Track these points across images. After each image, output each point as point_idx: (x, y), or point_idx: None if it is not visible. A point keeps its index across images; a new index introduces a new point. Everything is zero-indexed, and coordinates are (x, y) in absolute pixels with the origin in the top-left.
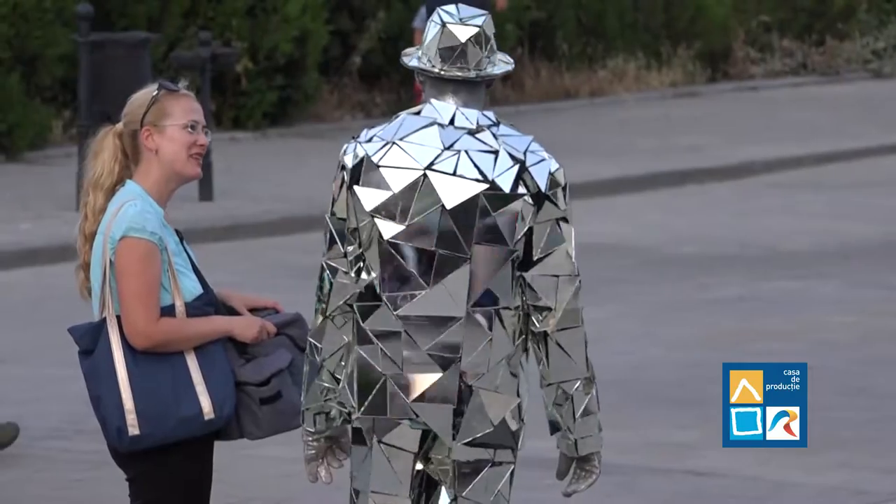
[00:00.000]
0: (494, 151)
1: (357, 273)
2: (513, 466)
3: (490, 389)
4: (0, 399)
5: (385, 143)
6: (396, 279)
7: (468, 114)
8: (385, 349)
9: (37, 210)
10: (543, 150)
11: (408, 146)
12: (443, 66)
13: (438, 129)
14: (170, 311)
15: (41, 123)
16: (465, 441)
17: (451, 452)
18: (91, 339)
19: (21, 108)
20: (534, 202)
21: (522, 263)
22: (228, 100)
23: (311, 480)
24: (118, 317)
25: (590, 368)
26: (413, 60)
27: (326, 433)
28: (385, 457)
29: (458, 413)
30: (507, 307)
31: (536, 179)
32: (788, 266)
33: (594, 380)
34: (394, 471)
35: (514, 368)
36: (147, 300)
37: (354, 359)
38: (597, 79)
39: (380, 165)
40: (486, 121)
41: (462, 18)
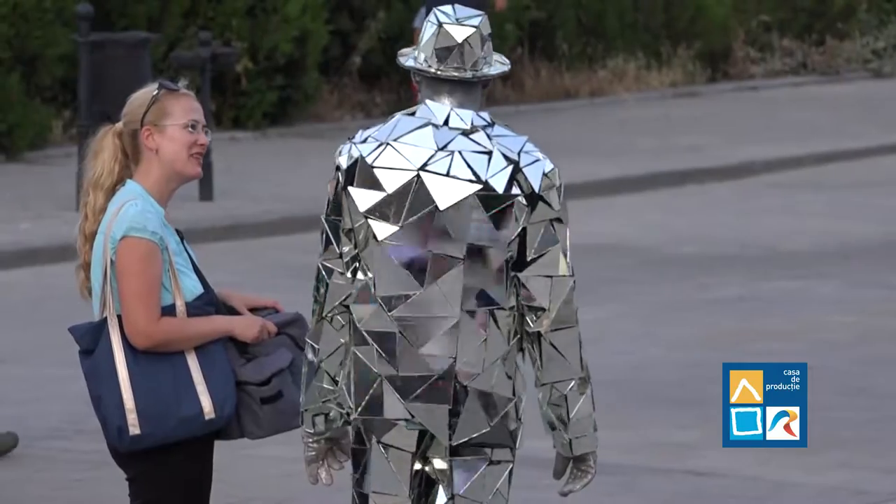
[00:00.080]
0: (488, 152)
1: (353, 273)
2: (511, 465)
3: (485, 389)
4: (0, 399)
5: (379, 144)
6: (391, 280)
7: (462, 114)
8: (380, 350)
9: (37, 210)
10: (538, 151)
11: (402, 147)
12: (439, 67)
13: (433, 130)
14: (170, 311)
15: (41, 123)
16: (462, 441)
17: (449, 452)
18: (92, 339)
19: (21, 108)
20: (527, 203)
21: (516, 264)
22: (228, 100)
23: (312, 482)
24: (119, 316)
25: (584, 368)
26: (409, 60)
27: (326, 435)
28: (384, 457)
29: (455, 413)
30: (502, 307)
31: (530, 180)
32: (788, 266)
33: (589, 380)
34: (393, 470)
35: (510, 368)
36: (148, 300)
37: (351, 360)
38: (597, 79)
39: (374, 166)
40: (481, 121)
41: (459, 19)
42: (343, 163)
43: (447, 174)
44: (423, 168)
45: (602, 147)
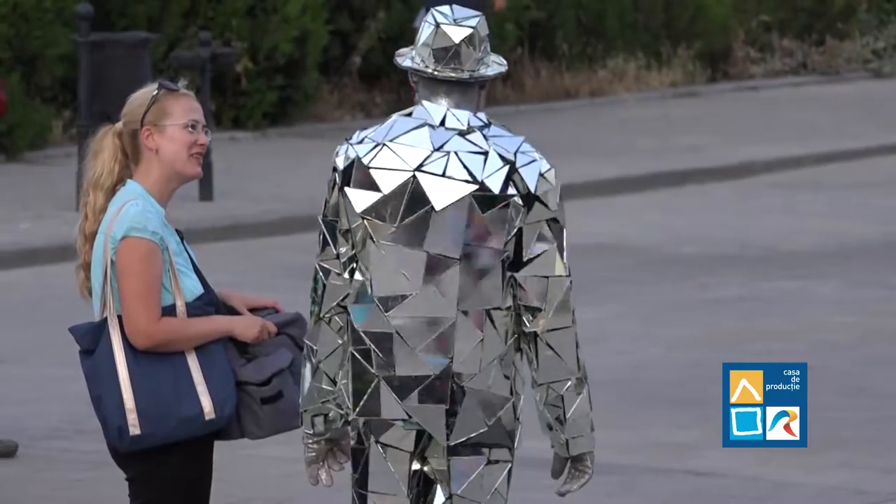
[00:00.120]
0: (484, 152)
1: (350, 274)
2: (510, 465)
3: (482, 389)
4: (0, 399)
5: (376, 145)
6: (388, 280)
7: (459, 115)
8: (377, 350)
9: (37, 210)
10: (535, 151)
11: (398, 147)
12: (436, 67)
13: (429, 131)
14: (171, 311)
15: (41, 123)
16: (460, 441)
17: (447, 452)
18: (92, 339)
19: (21, 108)
20: (524, 203)
21: (513, 264)
22: (228, 100)
23: (312, 483)
24: (119, 316)
25: (581, 368)
26: (406, 61)
27: (326, 435)
28: (382, 457)
29: (452, 413)
30: (499, 307)
31: (526, 180)
32: (788, 266)
33: (586, 380)
34: (391, 470)
35: (507, 368)
36: (148, 300)
37: (349, 360)
38: (597, 79)
39: (370, 167)
40: (478, 122)
41: (456, 19)
42: (340, 163)
43: (443, 175)
44: (419, 168)
45: (602, 147)
